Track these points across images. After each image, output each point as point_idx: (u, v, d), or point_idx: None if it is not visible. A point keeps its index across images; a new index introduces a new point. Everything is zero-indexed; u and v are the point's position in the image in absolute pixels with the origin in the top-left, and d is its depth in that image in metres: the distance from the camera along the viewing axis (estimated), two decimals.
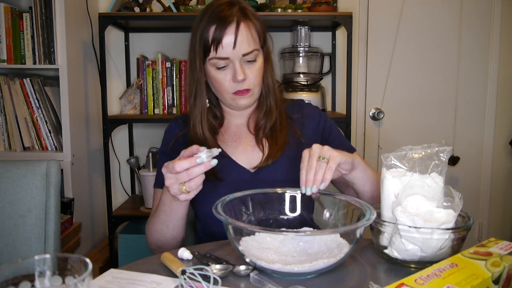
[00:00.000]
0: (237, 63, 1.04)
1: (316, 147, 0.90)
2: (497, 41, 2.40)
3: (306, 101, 1.30)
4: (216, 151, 0.87)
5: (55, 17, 1.90)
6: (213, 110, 1.16)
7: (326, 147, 0.90)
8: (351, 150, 1.14)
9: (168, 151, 1.16)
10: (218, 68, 1.06)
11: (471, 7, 2.38)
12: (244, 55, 1.04)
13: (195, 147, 0.88)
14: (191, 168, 0.85)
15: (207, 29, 1.04)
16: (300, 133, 1.15)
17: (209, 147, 1.04)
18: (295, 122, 1.17)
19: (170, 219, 0.99)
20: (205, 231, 1.15)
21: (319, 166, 0.87)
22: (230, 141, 1.15)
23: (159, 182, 1.14)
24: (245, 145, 1.14)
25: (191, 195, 0.88)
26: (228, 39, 1.02)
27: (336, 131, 1.20)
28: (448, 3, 2.39)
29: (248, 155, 1.13)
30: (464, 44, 2.41)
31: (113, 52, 2.37)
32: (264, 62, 1.11)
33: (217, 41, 1.03)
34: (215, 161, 0.86)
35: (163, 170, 0.88)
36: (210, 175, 0.92)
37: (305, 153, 0.91)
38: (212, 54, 1.04)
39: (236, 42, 1.02)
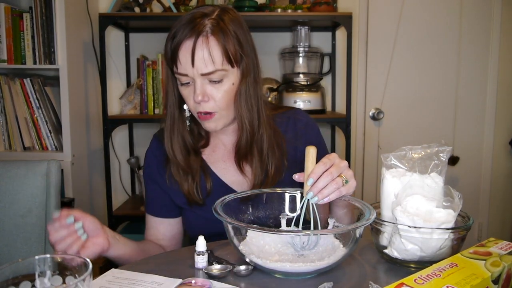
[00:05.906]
0: (198, 81, 0.92)
1: (345, 164, 0.82)
2: (497, 41, 2.40)
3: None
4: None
5: (55, 17, 1.90)
6: (193, 128, 1.05)
7: (351, 172, 0.84)
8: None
9: (153, 175, 1.07)
10: (183, 84, 0.96)
11: (471, 8, 2.38)
12: (203, 74, 0.92)
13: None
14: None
15: (169, 41, 0.94)
16: (287, 157, 1.05)
17: (187, 168, 1.00)
18: (284, 143, 1.05)
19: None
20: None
21: (336, 182, 0.80)
22: (219, 161, 1.07)
23: (148, 208, 1.09)
24: (236, 167, 1.05)
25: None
26: (184, 55, 0.91)
27: (318, 140, 1.11)
28: (448, 3, 2.39)
29: (239, 177, 1.05)
30: (464, 44, 2.41)
31: (113, 52, 2.38)
32: (239, 83, 0.96)
33: (175, 57, 0.93)
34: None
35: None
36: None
37: (332, 159, 0.82)
38: (174, 68, 0.94)
39: (193, 60, 0.90)
